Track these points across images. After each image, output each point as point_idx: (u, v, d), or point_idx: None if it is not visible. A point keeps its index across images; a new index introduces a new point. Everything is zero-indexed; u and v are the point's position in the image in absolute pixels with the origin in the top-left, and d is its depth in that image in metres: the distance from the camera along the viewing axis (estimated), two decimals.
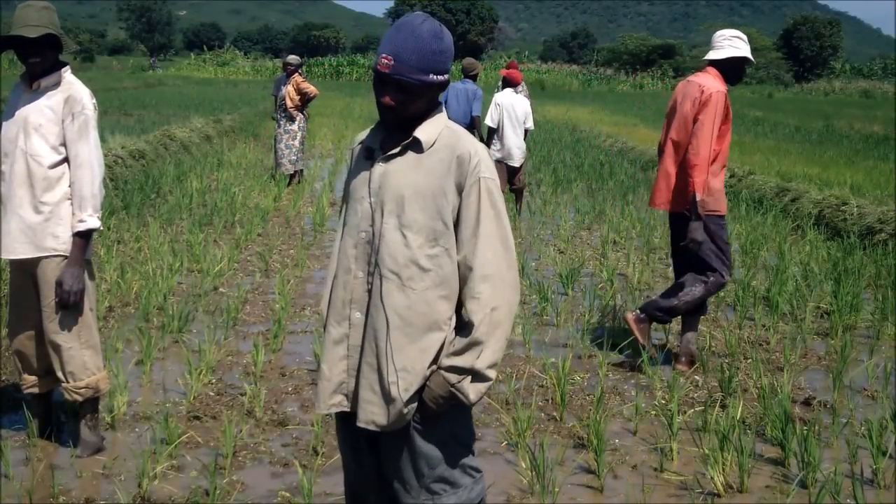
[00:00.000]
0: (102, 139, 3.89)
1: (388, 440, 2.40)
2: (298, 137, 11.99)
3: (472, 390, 2.30)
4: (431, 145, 2.32)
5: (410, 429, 2.36)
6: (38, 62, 3.68)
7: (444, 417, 2.36)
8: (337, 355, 2.38)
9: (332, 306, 2.42)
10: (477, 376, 2.29)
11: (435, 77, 2.28)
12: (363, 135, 2.46)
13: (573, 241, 8.87)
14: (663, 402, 4.67)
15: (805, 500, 3.65)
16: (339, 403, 2.40)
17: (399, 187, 2.30)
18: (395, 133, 2.36)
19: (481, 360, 2.28)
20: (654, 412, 4.57)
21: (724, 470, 3.78)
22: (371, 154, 2.39)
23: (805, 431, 3.93)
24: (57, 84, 3.74)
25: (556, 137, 19.21)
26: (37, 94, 3.73)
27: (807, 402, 4.79)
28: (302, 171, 12.27)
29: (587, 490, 3.77)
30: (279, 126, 12.03)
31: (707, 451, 3.88)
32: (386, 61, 2.25)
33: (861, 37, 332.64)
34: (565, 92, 51.38)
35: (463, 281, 2.32)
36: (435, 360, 2.33)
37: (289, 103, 11.88)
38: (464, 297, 2.33)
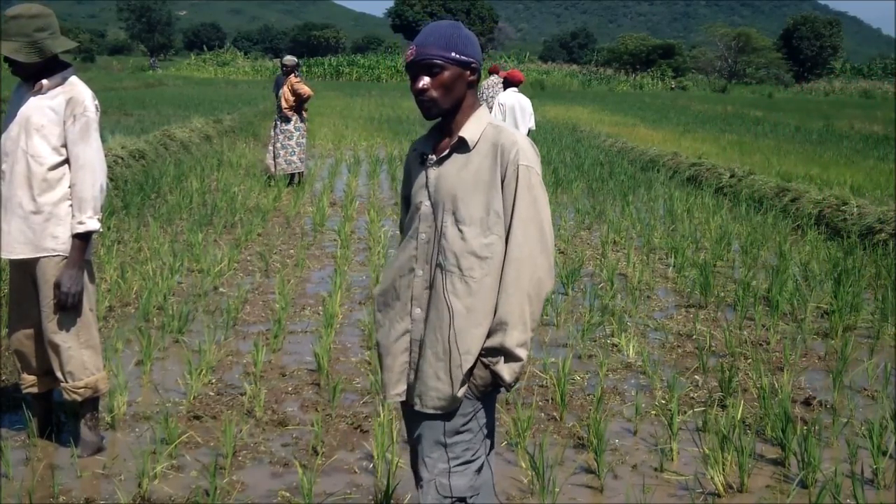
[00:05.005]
0: (102, 139, 3.90)
1: (426, 419, 2.50)
2: (295, 137, 11.97)
3: (505, 370, 2.39)
4: (476, 143, 2.44)
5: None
6: (19, 71, 3.72)
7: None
8: (399, 348, 2.52)
9: (393, 304, 2.54)
10: (508, 356, 2.38)
11: (458, 55, 2.39)
12: (418, 141, 2.60)
13: (573, 241, 8.87)
14: (663, 402, 4.67)
15: (805, 500, 3.65)
16: (402, 393, 2.55)
17: (452, 187, 2.43)
18: (444, 135, 2.50)
19: (508, 339, 2.36)
20: (654, 412, 4.57)
21: (724, 470, 3.78)
22: (424, 159, 2.52)
23: (805, 431, 3.93)
24: (60, 85, 3.75)
25: (556, 137, 19.20)
26: (39, 94, 3.73)
27: (807, 402, 4.79)
28: (302, 172, 12.26)
29: (587, 490, 3.76)
30: (276, 126, 12.04)
31: (707, 451, 3.88)
32: (411, 51, 2.42)
33: (861, 37, 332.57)
34: (565, 92, 51.39)
35: None
36: None
37: (284, 104, 11.88)
38: None
